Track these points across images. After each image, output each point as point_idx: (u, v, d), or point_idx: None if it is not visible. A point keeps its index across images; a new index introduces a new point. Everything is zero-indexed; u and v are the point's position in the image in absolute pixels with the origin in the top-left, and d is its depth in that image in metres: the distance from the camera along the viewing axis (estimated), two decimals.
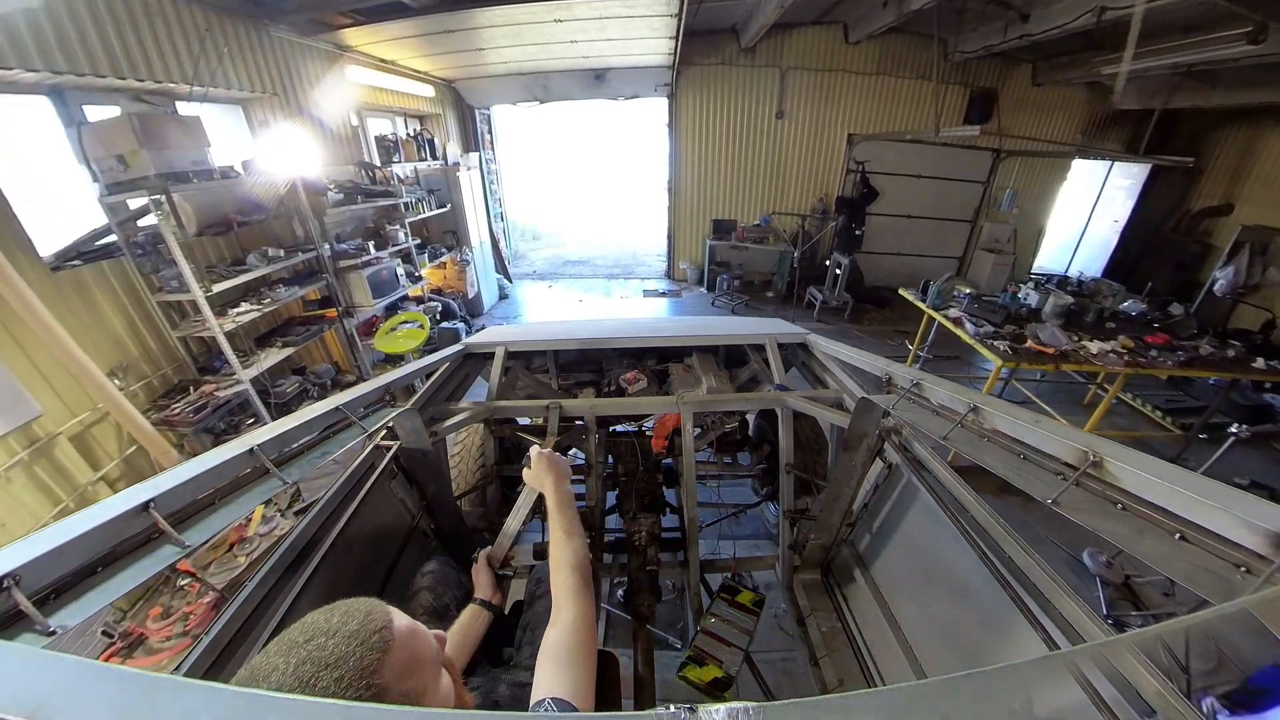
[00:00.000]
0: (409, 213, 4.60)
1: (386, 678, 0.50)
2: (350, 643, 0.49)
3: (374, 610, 0.54)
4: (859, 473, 1.44)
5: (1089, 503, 0.82)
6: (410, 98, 5.54)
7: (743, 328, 2.34)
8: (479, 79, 6.12)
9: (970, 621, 1.11)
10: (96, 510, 0.75)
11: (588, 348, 2.03)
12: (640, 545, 1.54)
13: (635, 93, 6.31)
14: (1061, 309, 3.62)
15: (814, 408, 1.58)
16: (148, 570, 0.76)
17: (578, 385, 2.28)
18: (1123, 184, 7.41)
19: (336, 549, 1.12)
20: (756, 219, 7.00)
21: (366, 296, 3.87)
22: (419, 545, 1.50)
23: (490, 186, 7.45)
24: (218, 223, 3.09)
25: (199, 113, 2.98)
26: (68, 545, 0.69)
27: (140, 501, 0.78)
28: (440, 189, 5.40)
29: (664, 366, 2.17)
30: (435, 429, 1.48)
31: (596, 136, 14.10)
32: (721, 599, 1.45)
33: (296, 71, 3.91)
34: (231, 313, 3.03)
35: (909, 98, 6.56)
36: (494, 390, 1.76)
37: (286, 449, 1.11)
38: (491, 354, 1.91)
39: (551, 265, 8.52)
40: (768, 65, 6.22)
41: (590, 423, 1.65)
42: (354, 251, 3.80)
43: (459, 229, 5.65)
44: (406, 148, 4.63)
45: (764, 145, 6.67)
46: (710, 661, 1.29)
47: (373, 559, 1.31)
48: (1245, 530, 0.64)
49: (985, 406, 1.09)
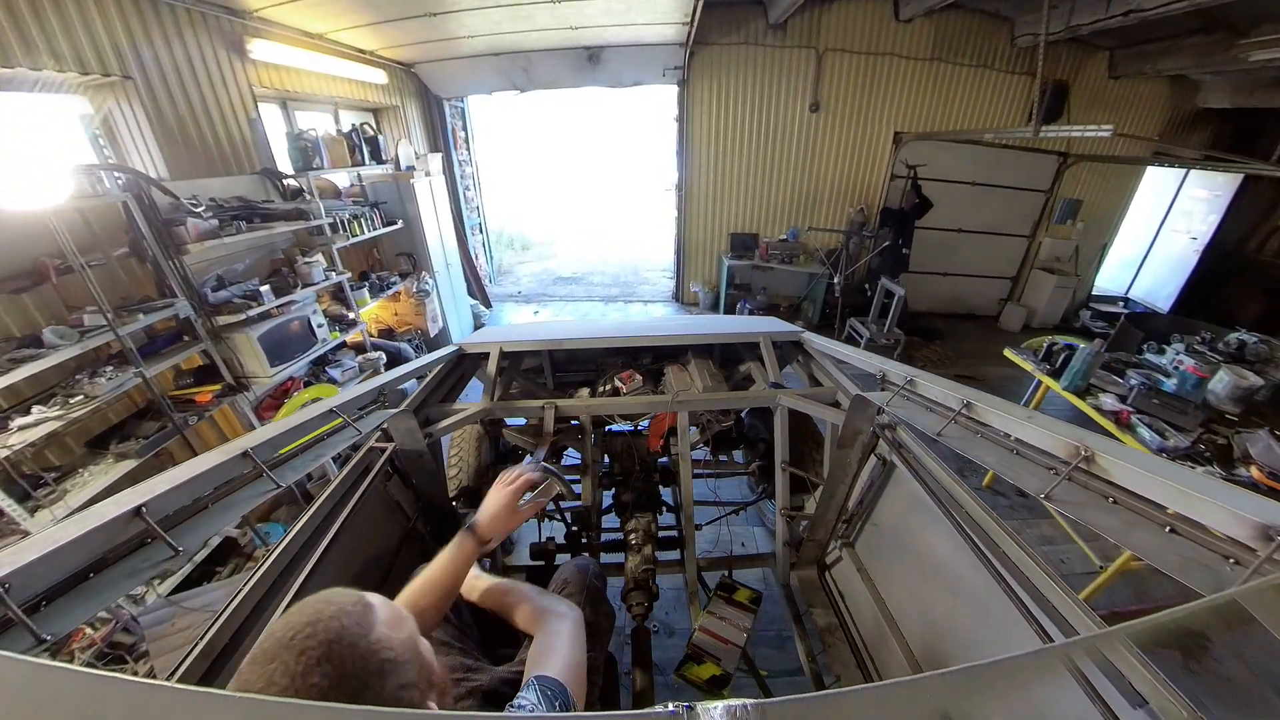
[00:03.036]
0: (338, 235, 3.41)
1: (383, 630, 0.51)
2: (340, 617, 0.50)
3: (337, 592, 0.55)
4: (854, 469, 1.48)
5: (1081, 497, 0.83)
6: (354, 85, 4.32)
7: (737, 326, 2.36)
8: (444, 61, 4.91)
9: (965, 615, 1.12)
10: (86, 517, 0.74)
11: (582, 348, 2.01)
12: (637, 544, 1.56)
13: (638, 78, 5.13)
14: (1244, 391, 2.53)
15: (809, 405, 1.60)
16: (141, 575, 0.75)
17: (573, 385, 2.21)
18: (1200, 195, 6.38)
19: (331, 552, 1.11)
20: (783, 233, 5.87)
21: (261, 363, 2.71)
22: (416, 547, 1.49)
23: (464, 193, 6.25)
24: (18, 274, 1.98)
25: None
26: (57, 552, 0.67)
27: (131, 507, 0.77)
28: (390, 200, 4.21)
29: (659, 366, 2.11)
30: (430, 430, 1.48)
31: (592, 132, 12.84)
32: (719, 597, 1.43)
33: (163, 46, 2.72)
34: (15, 424, 1.87)
35: (967, 89, 5.46)
36: (489, 391, 1.73)
37: (279, 452, 1.08)
38: (486, 354, 1.87)
39: (539, 283, 7.33)
40: (801, 46, 5.07)
41: (586, 422, 1.68)
42: (239, 301, 2.62)
43: (416, 250, 4.46)
44: (333, 149, 3.43)
45: (794, 144, 5.53)
46: (708, 659, 1.29)
47: (369, 562, 1.31)
48: (1234, 522, 0.64)
49: (978, 402, 1.09)
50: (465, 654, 0.93)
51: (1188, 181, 6.47)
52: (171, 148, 2.84)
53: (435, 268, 4.58)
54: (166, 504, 0.83)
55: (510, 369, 2.05)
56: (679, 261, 6.31)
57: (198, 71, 2.96)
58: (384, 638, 0.51)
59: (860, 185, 5.73)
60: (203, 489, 0.90)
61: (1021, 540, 0.93)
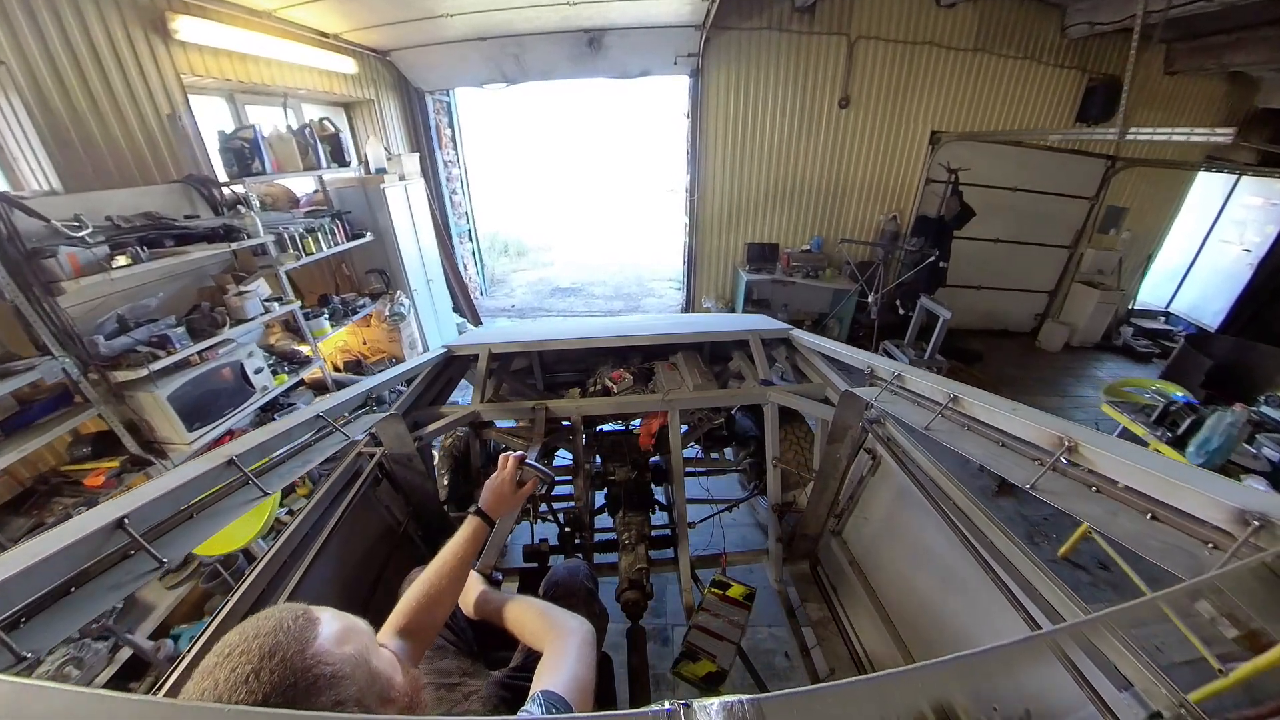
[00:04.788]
0: (286, 255, 2.81)
1: (325, 644, 0.51)
2: (276, 633, 0.50)
3: (285, 606, 0.56)
4: (844, 464, 1.49)
5: (1065, 486, 0.84)
6: (319, 75, 3.69)
7: (727, 324, 2.40)
8: (424, 47, 4.28)
9: (956, 605, 1.14)
10: (66, 530, 0.73)
11: (572, 348, 1.98)
12: (630, 544, 1.56)
13: (645, 68, 4.52)
14: None
15: (799, 402, 1.60)
16: (125, 587, 0.74)
17: (563, 385, 2.22)
18: (1254, 203, 5.86)
19: (321, 559, 1.10)
20: (806, 243, 5.30)
21: (174, 427, 2.11)
22: (407, 552, 1.47)
23: (450, 198, 5.63)
24: None
25: None
26: (36, 567, 0.65)
27: (113, 518, 0.76)
28: (358, 209, 3.60)
29: (649, 365, 2.07)
30: (419, 434, 1.47)
31: (592, 129, 12.15)
32: (713, 594, 1.43)
33: (51, 21, 2.13)
34: None
35: (1011, 84, 4.90)
36: (479, 393, 1.72)
37: (266, 459, 1.07)
38: (475, 356, 1.86)
39: (535, 295, 6.72)
40: (831, 33, 4.48)
41: (577, 423, 1.66)
42: (143, 350, 2.02)
43: (389, 266, 3.86)
44: (280, 150, 2.81)
45: (820, 144, 4.94)
46: (704, 656, 1.28)
47: (359, 568, 1.29)
48: (1212, 508, 0.66)
49: (964, 396, 1.10)
50: (461, 657, 0.94)
51: (1239, 188, 5.95)
52: (65, 152, 2.24)
53: (413, 285, 3.98)
54: (150, 514, 0.81)
55: (500, 370, 2.02)
56: (689, 273, 5.72)
57: (102, 54, 2.35)
58: (323, 652, 0.51)
59: (892, 190, 5.16)
60: (187, 498, 0.88)
61: (1008, 531, 0.97)
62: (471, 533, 0.95)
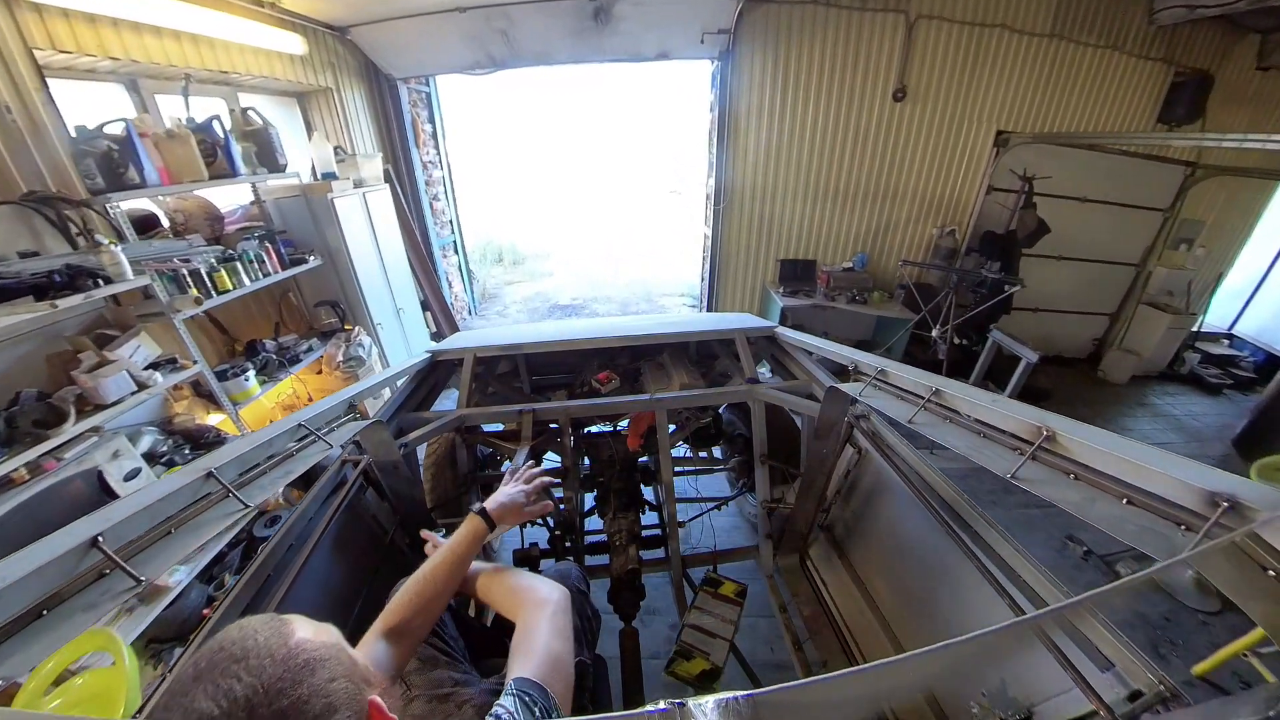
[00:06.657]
0: (184, 298, 2.00)
1: (299, 634, 0.51)
2: (247, 637, 0.49)
3: (248, 618, 0.54)
4: (831, 459, 1.52)
5: (1045, 475, 0.85)
6: (255, 56, 2.87)
7: (712, 323, 2.39)
8: (390, 22, 3.47)
9: (942, 594, 1.15)
10: (36, 550, 0.69)
11: (558, 349, 1.93)
12: (621, 545, 1.56)
13: (664, 48, 3.73)
14: None
15: (785, 399, 1.62)
16: (100, 609, 0.71)
17: (550, 388, 2.25)
18: None
19: (306, 572, 1.08)
20: (848, 259, 4.56)
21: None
22: (395, 562, 1.45)
23: (431, 204, 4.81)
24: None
25: None
26: (5, 591, 0.62)
27: (86, 537, 0.73)
28: (299, 226, 2.80)
29: (636, 365, 2.10)
30: (404, 440, 1.46)
31: (593, 126, 11.26)
32: (705, 592, 1.45)
33: None
34: None
35: (1089, 77, 4.19)
36: (464, 397, 1.71)
37: (246, 471, 1.04)
38: (460, 360, 1.84)
39: (533, 314, 5.91)
40: (887, 10, 3.72)
41: (565, 425, 1.68)
42: None
43: (343, 296, 3.06)
44: (170, 152, 2.00)
45: (870, 143, 4.18)
46: (697, 655, 1.29)
47: (345, 581, 1.26)
48: (1184, 491, 0.67)
49: (945, 388, 1.11)
50: (452, 667, 0.93)
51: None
52: None
53: (376, 319, 3.18)
54: (125, 531, 0.79)
55: (485, 374, 2.08)
56: (710, 289, 4.96)
57: None
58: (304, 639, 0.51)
59: (949, 200, 4.42)
60: (164, 513, 0.85)
61: (991, 520, 1.02)
62: (472, 532, 0.94)
